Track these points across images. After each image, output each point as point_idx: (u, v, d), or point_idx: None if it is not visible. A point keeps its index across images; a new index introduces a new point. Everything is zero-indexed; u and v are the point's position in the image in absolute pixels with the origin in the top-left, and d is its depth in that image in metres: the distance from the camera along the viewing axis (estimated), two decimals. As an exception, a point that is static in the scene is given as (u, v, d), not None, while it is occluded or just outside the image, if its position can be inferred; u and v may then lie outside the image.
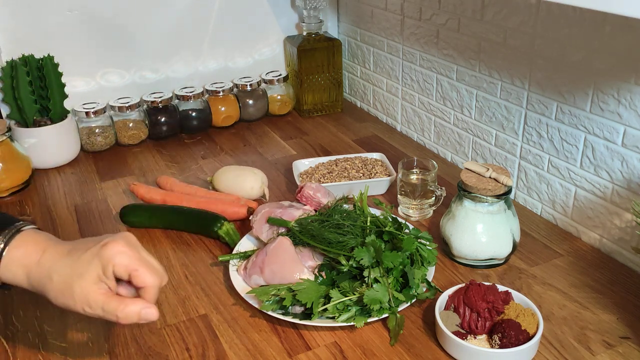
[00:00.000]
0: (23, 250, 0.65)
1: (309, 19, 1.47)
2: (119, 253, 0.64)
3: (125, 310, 0.63)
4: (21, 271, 0.64)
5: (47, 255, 0.64)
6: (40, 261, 0.64)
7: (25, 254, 0.65)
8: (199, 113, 1.44)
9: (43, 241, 0.66)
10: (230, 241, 0.97)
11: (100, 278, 0.63)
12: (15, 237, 0.65)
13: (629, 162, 0.87)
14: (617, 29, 0.84)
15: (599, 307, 0.82)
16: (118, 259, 0.63)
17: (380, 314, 0.78)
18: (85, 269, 0.63)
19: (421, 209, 1.05)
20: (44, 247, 0.65)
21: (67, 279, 0.63)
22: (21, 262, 0.64)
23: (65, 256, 0.64)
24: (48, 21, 1.32)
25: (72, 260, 0.63)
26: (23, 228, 0.67)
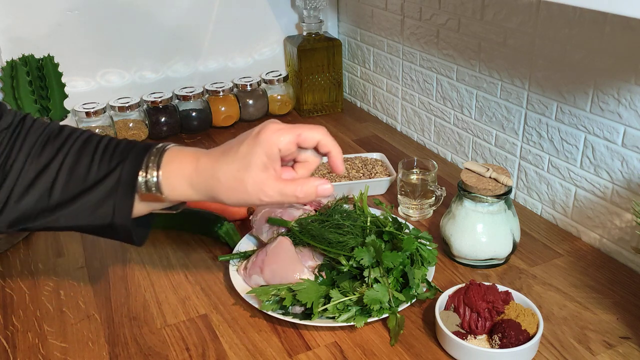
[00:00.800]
0: (177, 163, 0.65)
1: (309, 19, 1.47)
2: (276, 132, 0.64)
3: (304, 189, 0.64)
4: (184, 182, 0.65)
5: (202, 161, 0.65)
6: (198, 168, 0.65)
7: (181, 166, 0.65)
8: (199, 113, 1.44)
9: (192, 152, 0.67)
10: (230, 241, 0.97)
11: (266, 164, 0.63)
12: (163, 155, 0.66)
13: (629, 162, 0.87)
14: (617, 29, 0.84)
15: (599, 307, 0.82)
16: (278, 138, 0.63)
17: (380, 314, 0.78)
18: (249, 160, 0.63)
19: (421, 209, 1.05)
20: (196, 156, 0.66)
21: (234, 174, 0.63)
22: (180, 174, 0.65)
23: (222, 156, 0.65)
24: (48, 21, 1.32)
25: (232, 156, 0.64)
26: (167, 147, 0.67)
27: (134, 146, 0.68)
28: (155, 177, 0.65)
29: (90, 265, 0.95)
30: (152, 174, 0.65)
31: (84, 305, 0.86)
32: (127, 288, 0.90)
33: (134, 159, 0.66)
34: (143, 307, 0.85)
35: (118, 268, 0.94)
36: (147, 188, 0.65)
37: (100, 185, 0.65)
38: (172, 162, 0.66)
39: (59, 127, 0.70)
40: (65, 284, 0.91)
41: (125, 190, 0.65)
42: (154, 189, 0.65)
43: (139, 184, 0.65)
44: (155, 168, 0.65)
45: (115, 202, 0.65)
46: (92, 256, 0.97)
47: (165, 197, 0.66)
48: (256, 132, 0.64)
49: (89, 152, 0.67)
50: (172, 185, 0.65)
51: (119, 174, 0.65)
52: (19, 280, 0.92)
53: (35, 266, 0.95)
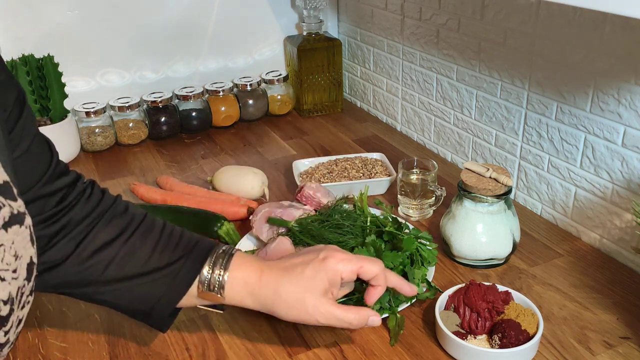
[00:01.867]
0: (243, 271, 0.68)
1: (309, 19, 1.47)
2: (341, 261, 0.69)
3: (358, 318, 0.68)
4: (245, 290, 0.68)
5: (266, 274, 0.68)
6: (262, 280, 0.68)
7: (246, 275, 0.68)
8: (199, 113, 1.44)
9: (256, 262, 0.70)
10: (230, 241, 0.97)
11: (328, 290, 0.68)
12: (231, 260, 0.69)
13: (629, 162, 0.87)
14: (617, 29, 0.84)
15: (599, 307, 0.82)
16: (342, 267, 0.68)
17: (380, 314, 0.78)
18: (314, 284, 0.67)
19: (421, 209, 1.05)
20: (261, 268, 0.69)
21: (296, 295, 0.67)
22: (243, 282, 0.68)
23: (285, 274, 0.68)
24: (48, 21, 1.32)
25: (296, 276, 0.68)
26: (233, 251, 0.70)
27: (198, 242, 0.70)
28: (220, 278, 0.68)
29: (90, 265, 0.95)
30: (219, 275, 0.68)
31: (84, 305, 0.86)
32: (127, 288, 0.89)
33: (197, 256, 0.68)
34: (143, 307, 0.85)
35: (118, 268, 0.94)
36: (210, 287, 0.68)
37: (157, 273, 0.67)
38: (239, 268, 0.68)
39: (125, 205, 0.71)
40: (65, 284, 0.90)
41: (180, 283, 0.67)
42: (216, 289, 0.68)
43: (202, 281, 0.68)
44: (223, 270, 0.68)
45: (165, 292, 0.67)
46: (92, 256, 0.97)
47: (224, 300, 0.68)
48: (322, 258, 0.69)
49: (154, 238, 0.69)
50: (234, 290, 0.68)
51: (180, 267, 0.67)
52: (19, 280, 0.91)
53: (35, 266, 0.95)
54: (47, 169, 0.65)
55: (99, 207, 0.68)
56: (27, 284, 0.53)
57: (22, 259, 0.52)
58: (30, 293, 0.55)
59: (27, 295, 0.54)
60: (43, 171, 0.65)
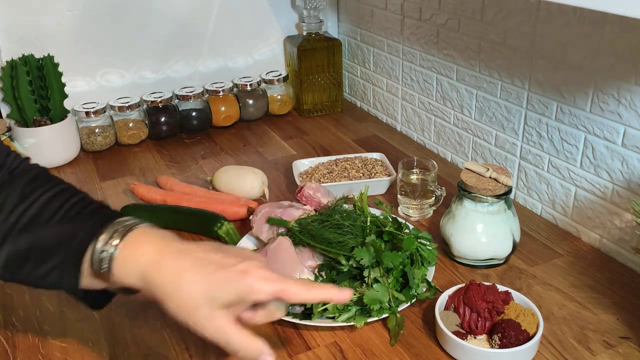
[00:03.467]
0: (140, 248, 0.59)
1: (309, 19, 1.47)
2: (261, 280, 0.58)
3: (248, 350, 0.57)
4: (136, 270, 0.59)
5: (168, 259, 0.59)
6: (160, 264, 0.58)
7: (142, 253, 0.59)
8: (199, 113, 1.44)
9: (161, 240, 0.61)
10: (230, 241, 0.97)
11: (231, 304, 0.58)
12: (130, 232, 0.60)
13: (629, 162, 0.87)
14: (617, 29, 0.84)
15: (599, 307, 0.82)
16: (263, 288, 0.58)
17: (380, 314, 0.78)
18: (218, 293, 0.57)
19: (421, 209, 1.05)
20: (163, 250, 0.60)
21: (194, 295, 0.57)
22: (137, 261, 0.59)
23: (193, 267, 0.58)
24: (48, 21, 1.32)
25: (203, 275, 0.58)
26: (138, 225, 0.61)
27: (97, 213, 0.63)
28: (112, 251, 0.59)
29: (90, 265, 0.95)
30: (110, 247, 0.59)
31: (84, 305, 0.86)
32: (127, 288, 0.89)
33: (90, 228, 0.60)
34: (143, 307, 0.85)
35: (118, 268, 0.94)
36: (100, 263, 0.59)
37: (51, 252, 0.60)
38: (135, 245, 0.59)
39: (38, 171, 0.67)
40: (65, 284, 0.90)
41: (71, 263, 0.60)
42: (105, 265, 0.59)
43: (93, 256, 0.59)
44: (118, 241, 0.59)
45: (62, 274, 0.60)
46: (92, 256, 0.97)
47: (113, 282, 0.60)
48: (241, 270, 0.58)
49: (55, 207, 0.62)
50: (124, 268, 0.59)
51: (69, 244, 0.60)
52: (19, 280, 0.91)
53: (35, 266, 0.95)
54: None
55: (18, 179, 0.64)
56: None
57: None
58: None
59: None
60: None
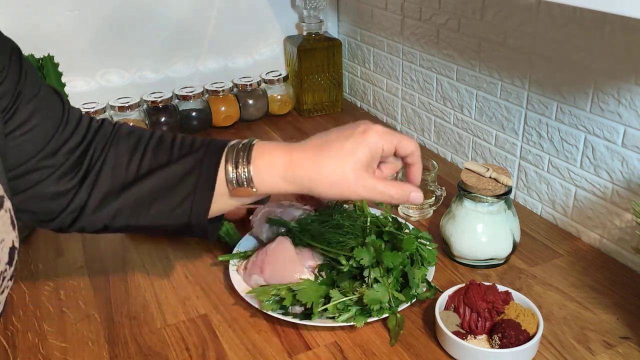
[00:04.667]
0: (268, 157, 0.67)
1: (309, 19, 1.47)
2: (382, 135, 0.67)
3: (400, 191, 0.68)
4: (276, 174, 0.67)
5: (296, 154, 0.67)
6: (292, 161, 0.67)
7: (271, 160, 0.67)
8: (199, 113, 1.44)
9: (281, 145, 0.69)
10: (230, 241, 0.97)
11: (370, 163, 0.67)
12: (252, 150, 0.67)
13: (629, 162, 0.87)
14: (617, 29, 0.84)
15: (599, 307, 0.82)
16: (384, 139, 0.67)
17: (380, 314, 0.78)
18: (355, 157, 0.65)
19: (421, 209, 1.05)
20: (288, 149, 0.68)
21: (338, 169, 0.65)
22: (271, 167, 0.67)
23: (322, 150, 0.67)
24: (48, 21, 1.32)
25: (335, 151, 0.66)
26: (253, 142, 0.69)
27: (210, 143, 0.70)
28: (246, 172, 0.67)
29: (90, 265, 0.95)
30: (244, 169, 0.67)
31: (84, 305, 0.86)
32: (127, 288, 0.90)
33: (212, 157, 0.68)
34: (143, 307, 0.85)
35: (118, 268, 0.94)
36: (239, 183, 0.67)
37: (180, 185, 0.67)
38: (262, 156, 0.67)
39: (129, 127, 0.72)
40: (65, 284, 0.91)
41: (203, 189, 0.67)
42: (245, 184, 0.67)
43: (230, 180, 0.67)
44: (246, 163, 0.67)
45: (192, 203, 0.67)
46: (92, 256, 0.97)
47: (257, 191, 0.68)
48: (362, 131, 0.67)
49: (165, 150, 0.69)
50: (263, 179, 0.67)
51: (199, 173, 0.67)
52: (19, 280, 0.92)
53: (35, 266, 0.95)
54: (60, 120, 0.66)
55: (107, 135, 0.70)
56: (8, 268, 0.53)
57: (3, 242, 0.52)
58: (11, 278, 0.55)
59: (8, 280, 0.54)
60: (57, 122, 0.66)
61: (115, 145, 0.69)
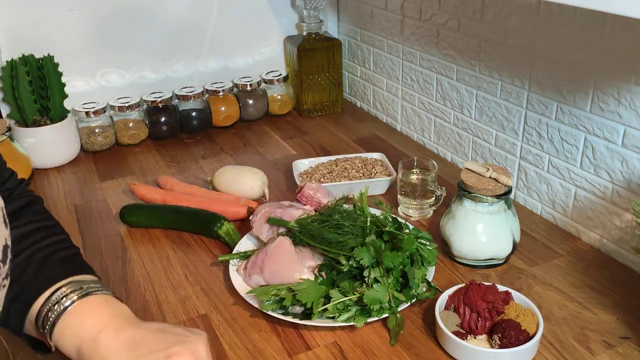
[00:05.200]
0: (82, 318, 0.60)
1: (309, 19, 1.47)
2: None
3: None
4: (73, 342, 0.60)
5: (105, 336, 0.59)
6: (97, 340, 0.59)
7: (85, 326, 0.60)
8: (199, 113, 1.44)
9: (107, 316, 0.61)
10: (230, 241, 0.97)
11: None
12: (84, 298, 0.61)
13: (629, 162, 0.87)
14: (617, 29, 0.84)
15: (599, 307, 0.82)
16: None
17: (380, 314, 0.78)
18: None
19: (421, 209, 1.05)
20: (105, 325, 0.60)
21: None
22: (76, 333, 0.60)
23: (124, 348, 0.58)
24: (48, 21, 1.32)
25: (131, 358, 0.58)
26: (97, 292, 0.62)
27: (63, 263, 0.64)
28: (54, 316, 0.60)
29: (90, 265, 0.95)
30: (55, 312, 0.60)
31: (84, 305, 0.86)
32: (127, 288, 0.90)
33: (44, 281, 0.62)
34: (143, 307, 0.85)
35: (118, 268, 0.94)
36: (42, 323, 0.60)
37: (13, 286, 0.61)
38: (79, 314, 0.60)
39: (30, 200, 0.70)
40: (65, 284, 0.90)
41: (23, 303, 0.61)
42: (47, 328, 0.60)
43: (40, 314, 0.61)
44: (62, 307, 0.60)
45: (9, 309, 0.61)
46: (92, 256, 0.97)
47: (52, 344, 0.61)
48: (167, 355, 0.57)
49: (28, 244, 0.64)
50: (63, 336, 0.60)
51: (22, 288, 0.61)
52: (19, 280, 0.91)
53: (35, 266, 0.95)
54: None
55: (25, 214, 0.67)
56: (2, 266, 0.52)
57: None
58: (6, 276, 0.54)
59: (3, 279, 0.53)
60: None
61: None
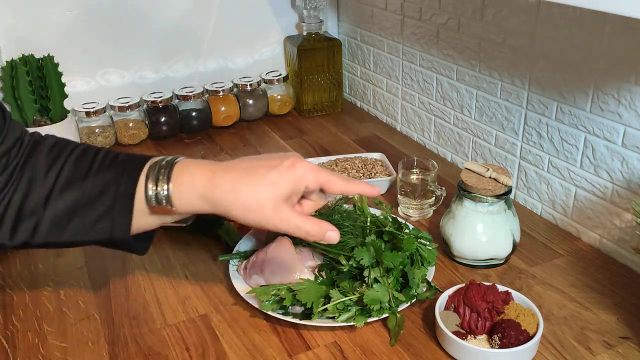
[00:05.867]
0: (189, 175, 0.65)
1: (309, 19, 1.47)
2: (309, 171, 0.66)
3: (317, 229, 0.67)
4: (195, 194, 0.65)
5: (219, 175, 0.65)
6: (213, 181, 0.65)
7: (192, 178, 0.65)
8: (199, 113, 1.44)
9: (205, 164, 0.67)
10: (230, 241, 0.97)
11: (290, 196, 0.66)
12: (174, 167, 0.65)
13: (629, 162, 0.87)
14: (617, 29, 0.84)
15: (599, 307, 0.82)
16: (311, 177, 0.66)
17: (380, 314, 0.78)
18: (277, 188, 0.64)
19: (421, 209, 1.05)
20: (211, 169, 0.66)
21: (257, 196, 0.64)
22: (191, 185, 0.64)
23: (245, 174, 0.65)
24: (48, 21, 1.32)
25: (258, 178, 0.64)
26: (177, 160, 0.67)
27: (130, 159, 0.67)
28: (166, 190, 0.64)
29: (90, 265, 0.95)
30: (163, 186, 0.64)
31: (84, 305, 0.86)
32: (127, 288, 0.90)
33: (130, 173, 0.65)
34: (143, 307, 0.85)
35: (118, 268, 0.94)
36: (158, 201, 0.65)
37: (97, 202, 0.64)
38: (183, 174, 0.65)
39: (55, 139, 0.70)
40: (65, 284, 0.91)
41: (122, 206, 0.64)
42: (164, 202, 0.65)
43: (149, 197, 0.65)
44: (166, 181, 0.65)
45: (113, 218, 0.64)
46: (92, 256, 0.97)
47: (176, 210, 0.66)
48: (289, 164, 0.66)
49: (86, 163, 0.66)
50: (182, 198, 0.65)
51: (116, 189, 0.64)
52: (19, 280, 0.92)
53: (35, 266, 0.95)
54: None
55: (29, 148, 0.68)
56: None
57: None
58: None
59: None
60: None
61: (35, 158, 0.66)
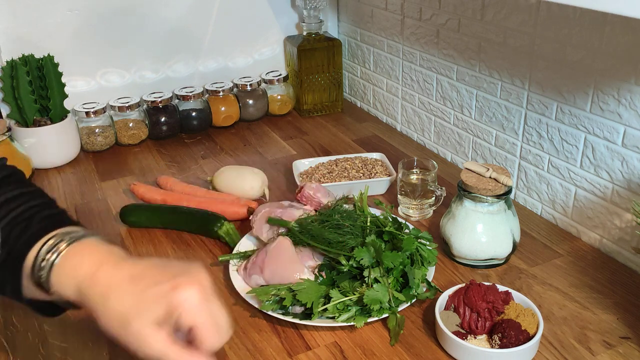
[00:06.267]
0: (78, 259, 0.58)
1: (309, 19, 1.47)
2: (190, 302, 0.55)
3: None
4: (73, 282, 0.57)
5: (103, 271, 0.57)
6: (96, 276, 0.57)
7: (81, 265, 0.58)
8: (199, 113, 1.44)
9: (102, 254, 0.59)
10: (230, 241, 0.97)
11: (161, 321, 0.55)
12: (76, 242, 0.59)
13: (629, 162, 0.87)
14: (617, 29, 0.84)
15: (599, 307, 0.82)
16: (187, 308, 0.55)
17: (380, 314, 0.78)
18: (147, 307, 0.55)
19: (421, 209, 1.05)
20: (102, 262, 0.58)
21: (126, 310, 0.55)
22: (74, 272, 0.58)
23: (127, 282, 0.57)
24: (48, 21, 1.32)
25: (136, 291, 0.56)
26: (86, 237, 0.60)
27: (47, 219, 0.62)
28: (52, 259, 0.58)
29: (90, 265, 0.95)
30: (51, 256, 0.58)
31: (84, 305, 0.86)
32: (127, 288, 0.89)
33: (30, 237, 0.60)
34: (143, 307, 0.85)
35: (118, 268, 0.94)
36: (38, 270, 0.58)
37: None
38: (74, 256, 0.58)
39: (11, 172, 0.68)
40: (65, 284, 0.90)
41: (13, 264, 0.59)
42: (43, 274, 0.58)
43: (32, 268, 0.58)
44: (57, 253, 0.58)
45: (4, 277, 0.60)
46: (92, 256, 0.97)
47: (52, 293, 0.59)
48: (174, 285, 0.56)
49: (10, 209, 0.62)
50: (59, 278, 0.58)
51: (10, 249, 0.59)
52: (19, 280, 0.91)
53: (35, 266, 0.95)
54: None
55: None
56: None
57: None
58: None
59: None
60: None
61: None
